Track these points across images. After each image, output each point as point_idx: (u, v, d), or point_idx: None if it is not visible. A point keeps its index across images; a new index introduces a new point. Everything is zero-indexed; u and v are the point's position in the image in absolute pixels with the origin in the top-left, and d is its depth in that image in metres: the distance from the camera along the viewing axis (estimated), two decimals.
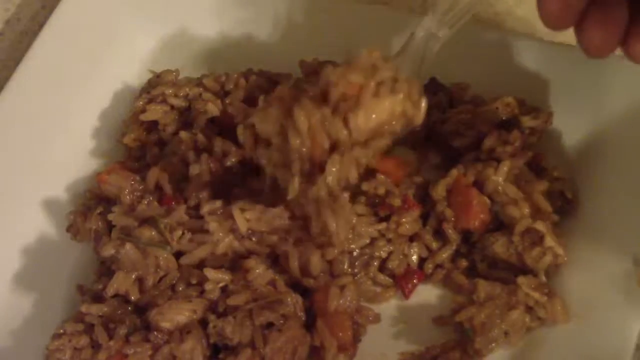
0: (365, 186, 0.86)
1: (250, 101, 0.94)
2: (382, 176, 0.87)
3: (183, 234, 0.81)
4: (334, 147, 0.72)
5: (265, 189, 0.82)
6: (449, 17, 0.74)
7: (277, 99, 0.74)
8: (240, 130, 0.82)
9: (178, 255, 0.82)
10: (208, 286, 0.79)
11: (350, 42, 0.96)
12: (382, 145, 0.74)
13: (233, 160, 0.85)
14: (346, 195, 0.80)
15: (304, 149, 0.71)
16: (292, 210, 0.82)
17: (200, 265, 0.81)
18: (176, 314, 0.77)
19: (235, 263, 0.81)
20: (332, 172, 0.71)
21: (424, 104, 0.74)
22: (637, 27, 0.59)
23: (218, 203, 0.82)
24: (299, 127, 0.71)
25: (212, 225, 0.80)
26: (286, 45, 1.01)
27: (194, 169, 0.85)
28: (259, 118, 0.74)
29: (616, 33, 0.59)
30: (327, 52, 0.91)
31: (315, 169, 0.73)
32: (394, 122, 0.72)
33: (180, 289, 0.80)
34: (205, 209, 0.81)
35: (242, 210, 0.81)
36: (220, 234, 0.80)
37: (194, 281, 0.80)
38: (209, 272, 0.79)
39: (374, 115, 0.70)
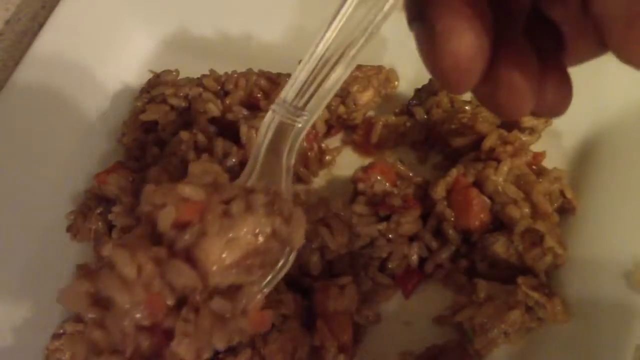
0: (361, 186, 0.86)
1: (250, 101, 0.94)
2: (378, 176, 0.87)
3: None
4: (182, 303, 0.51)
5: None
6: (305, 99, 0.56)
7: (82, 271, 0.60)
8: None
9: None
10: None
11: None
12: (253, 290, 0.53)
13: (234, 160, 0.85)
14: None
15: (138, 314, 0.50)
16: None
17: None
18: None
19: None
20: (184, 343, 0.50)
21: (299, 217, 0.56)
22: (549, 74, 0.43)
23: None
24: (125, 279, 0.50)
25: None
26: (286, 45, 1.01)
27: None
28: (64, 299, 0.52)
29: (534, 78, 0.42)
30: None
31: (160, 342, 0.51)
32: (263, 251, 0.54)
33: None
34: None
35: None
36: None
37: None
38: None
39: (231, 245, 0.52)
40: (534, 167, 0.87)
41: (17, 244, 0.89)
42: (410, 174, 0.90)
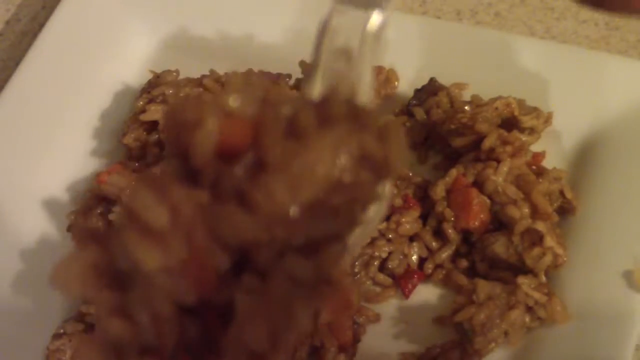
0: None
1: None
2: None
3: None
4: (239, 268, 0.36)
5: None
6: None
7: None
8: None
9: None
10: None
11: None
12: (337, 247, 0.37)
13: None
14: None
15: (177, 285, 0.34)
16: None
17: None
18: None
19: None
20: (251, 324, 0.34)
21: (396, 131, 0.39)
22: None
23: None
24: (152, 229, 0.34)
25: None
26: (286, 45, 1.01)
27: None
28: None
29: None
30: None
31: (213, 327, 0.36)
32: (350, 185, 0.36)
33: None
34: None
35: None
36: None
37: None
38: None
39: (303, 178, 0.35)
40: (533, 167, 0.87)
41: (17, 244, 0.89)
42: (410, 174, 0.90)
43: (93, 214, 0.88)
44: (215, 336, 0.35)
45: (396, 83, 0.98)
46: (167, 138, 0.37)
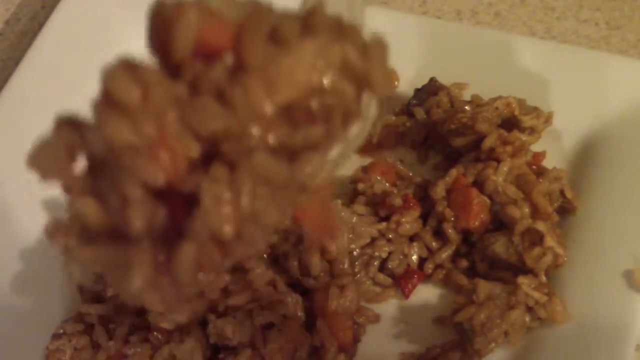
0: (361, 186, 0.86)
1: None
2: (378, 176, 0.87)
3: None
4: (210, 159, 0.36)
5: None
6: None
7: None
8: None
9: None
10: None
11: None
12: (315, 157, 0.38)
13: None
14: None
15: (146, 165, 0.34)
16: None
17: None
18: (176, 314, 0.77)
19: (235, 263, 0.81)
20: (217, 209, 0.35)
21: (380, 47, 0.39)
22: None
23: None
24: (123, 106, 0.35)
25: None
26: None
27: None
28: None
29: None
30: None
31: (180, 214, 0.36)
32: (329, 92, 0.37)
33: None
34: None
35: None
36: None
37: None
38: None
39: (281, 80, 0.36)
40: (534, 167, 0.87)
41: (17, 244, 0.89)
42: (410, 174, 0.90)
43: None
44: (182, 223, 0.35)
45: (396, 83, 0.98)
46: (149, 34, 0.39)
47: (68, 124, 0.38)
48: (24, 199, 0.92)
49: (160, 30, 0.38)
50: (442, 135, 0.91)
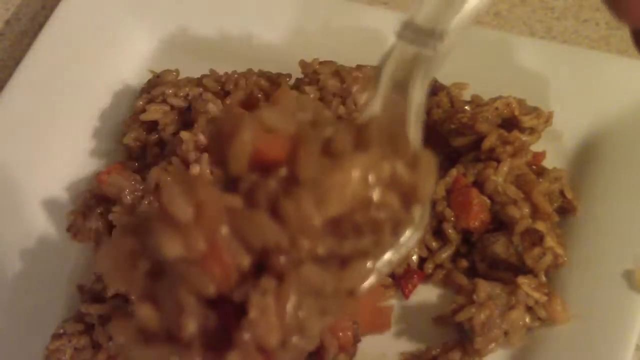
0: None
1: (250, 101, 0.94)
2: None
3: None
4: (258, 269, 0.38)
5: None
6: (440, 19, 0.43)
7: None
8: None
9: None
10: None
11: (350, 42, 0.96)
12: (365, 265, 0.40)
13: None
14: None
15: (198, 275, 0.37)
16: None
17: None
18: None
19: None
20: (262, 320, 0.37)
21: (428, 162, 0.43)
22: None
23: None
24: (176, 220, 0.37)
25: None
26: (286, 45, 1.01)
27: (194, 169, 0.85)
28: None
29: None
30: (327, 52, 0.91)
31: (229, 321, 0.38)
32: (378, 206, 0.39)
33: None
34: None
35: None
36: None
37: None
38: None
39: (332, 194, 0.38)
40: (534, 167, 0.87)
41: (17, 244, 0.89)
42: None
43: (93, 214, 0.88)
44: (231, 330, 0.37)
45: None
46: (209, 147, 0.42)
47: (132, 231, 0.39)
48: (24, 199, 0.92)
49: (219, 144, 0.40)
50: (442, 135, 0.91)
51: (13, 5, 1.17)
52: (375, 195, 0.39)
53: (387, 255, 0.42)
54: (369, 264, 0.40)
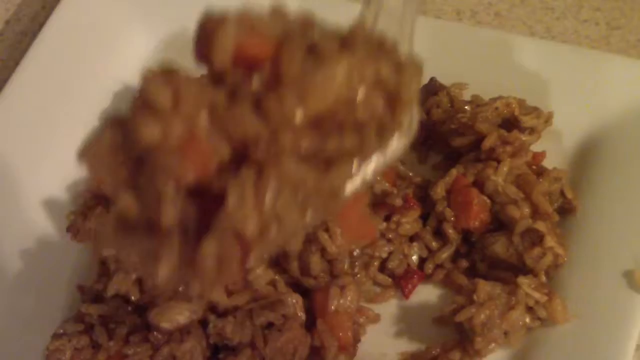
0: None
1: None
2: (378, 176, 0.87)
3: None
4: (238, 163, 0.39)
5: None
6: None
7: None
8: None
9: None
10: None
11: None
12: (348, 167, 0.40)
13: None
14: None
15: (177, 163, 0.37)
16: None
17: None
18: (176, 314, 0.77)
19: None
20: (241, 207, 0.37)
21: (415, 67, 0.43)
22: None
23: None
24: (154, 107, 0.38)
25: None
26: None
27: None
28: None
29: None
30: None
31: (209, 210, 0.38)
32: (362, 106, 0.40)
33: (181, 289, 0.80)
34: None
35: None
36: None
37: None
38: None
39: (316, 91, 0.38)
40: (534, 167, 0.87)
41: (17, 244, 0.89)
42: (410, 174, 0.90)
43: (93, 214, 0.88)
44: (210, 219, 0.38)
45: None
46: (196, 43, 0.42)
47: (114, 124, 0.40)
48: (24, 199, 0.92)
49: (205, 40, 0.41)
50: (442, 135, 0.91)
51: (13, 5, 1.17)
52: (359, 95, 0.39)
53: (373, 160, 0.42)
54: (354, 166, 0.40)
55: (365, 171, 0.42)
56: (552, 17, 1.09)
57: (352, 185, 0.41)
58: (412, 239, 0.85)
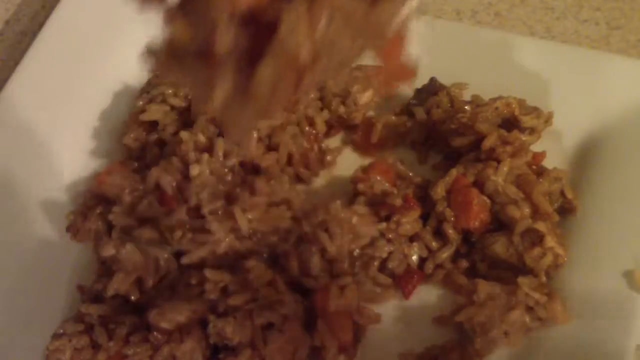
0: (361, 186, 0.87)
1: None
2: (378, 176, 0.87)
3: (183, 234, 0.81)
4: None
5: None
6: None
7: None
8: None
9: (178, 255, 0.82)
10: (208, 286, 0.79)
11: None
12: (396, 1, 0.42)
13: (234, 160, 0.85)
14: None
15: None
16: (294, 210, 0.82)
17: (201, 265, 0.81)
18: (176, 314, 0.77)
19: (235, 263, 0.81)
20: (293, 36, 0.38)
21: None
22: None
23: (219, 203, 0.82)
24: None
25: (214, 225, 0.80)
26: None
27: (194, 170, 0.85)
28: None
29: None
30: None
31: (262, 38, 0.40)
32: None
33: (180, 289, 0.80)
34: (206, 209, 0.81)
35: (244, 210, 0.81)
36: (222, 234, 0.80)
37: (194, 281, 0.80)
38: (209, 273, 0.79)
39: None
40: (534, 167, 0.87)
41: (17, 243, 0.89)
42: (410, 174, 0.90)
43: (93, 214, 0.88)
44: (264, 46, 0.38)
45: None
46: None
47: None
48: (24, 199, 0.92)
49: None
50: (442, 135, 0.91)
51: (13, 5, 1.17)
52: None
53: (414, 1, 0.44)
54: (397, 4, 0.42)
55: (411, 5, 0.44)
56: (552, 17, 1.09)
57: (397, 20, 0.43)
58: (412, 239, 0.85)
